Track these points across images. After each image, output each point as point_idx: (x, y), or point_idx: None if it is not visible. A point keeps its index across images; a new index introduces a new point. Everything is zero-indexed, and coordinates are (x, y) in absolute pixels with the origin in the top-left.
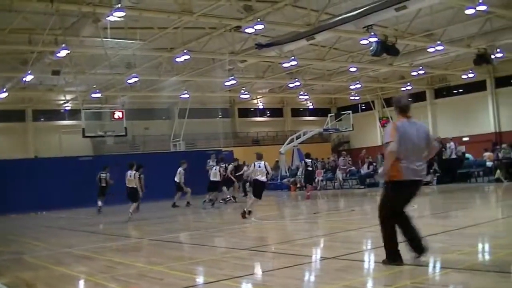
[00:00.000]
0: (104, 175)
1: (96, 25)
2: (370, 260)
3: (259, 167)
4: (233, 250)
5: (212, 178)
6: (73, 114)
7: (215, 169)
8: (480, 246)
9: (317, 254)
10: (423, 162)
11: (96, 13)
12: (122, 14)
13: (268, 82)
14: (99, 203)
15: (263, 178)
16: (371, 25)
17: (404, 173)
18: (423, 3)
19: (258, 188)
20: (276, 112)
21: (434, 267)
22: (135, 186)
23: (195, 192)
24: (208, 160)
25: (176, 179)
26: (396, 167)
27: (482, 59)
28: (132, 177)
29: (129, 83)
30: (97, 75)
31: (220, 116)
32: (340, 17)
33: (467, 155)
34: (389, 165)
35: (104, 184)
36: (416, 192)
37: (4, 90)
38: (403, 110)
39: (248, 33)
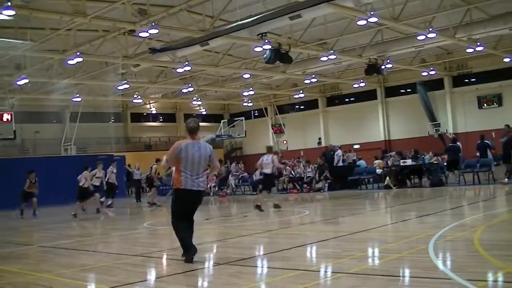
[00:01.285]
0: None
1: None
2: (262, 265)
3: (267, 160)
4: (126, 257)
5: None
6: None
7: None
8: (370, 251)
9: (209, 260)
10: (202, 175)
11: None
12: (11, 12)
13: (161, 87)
14: None
15: (268, 170)
16: (265, 32)
17: (183, 183)
18: (317, 13)
19: (266, 181)
20: (169, 117)
21: (326, 272)
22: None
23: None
24: (110, 167)
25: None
26: (178, 178)
27: (373, 69)
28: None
29: (18, 85)
30: None
31: (113, 120)
32: (235, 24)
33: (360, 162)
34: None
35: None
36: (196, 200)
37: None
38: (190, 132)
39: (142, 37)
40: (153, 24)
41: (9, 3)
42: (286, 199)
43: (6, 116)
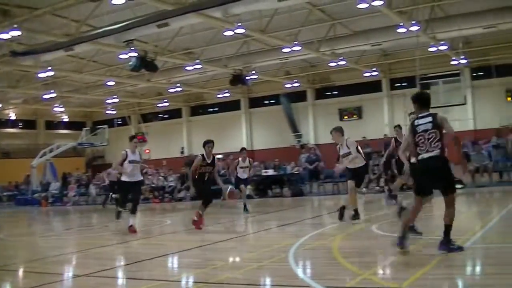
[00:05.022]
0: None
1: None
2: (123, 276)
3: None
4: None
5: None
6: None
7: None
8: (231, 260)
9: (69, 272)
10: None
11: None
12: None
13: (22, 92)
14: None
15: (245, 175)
16: (132, 39)
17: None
18: (185, 22)
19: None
20: (29, 124)
21: (187, 282)
22: None
23: None
24: None
25: None
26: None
27: (237, 79)
28: None
29: None
30: None
31: None
32: (101, 30)
33: (223, 171)
34: None
35: None
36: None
37: None
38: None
39: (3, 39)
40: (15, 26)
41: None
42: (148, 208)
43: None
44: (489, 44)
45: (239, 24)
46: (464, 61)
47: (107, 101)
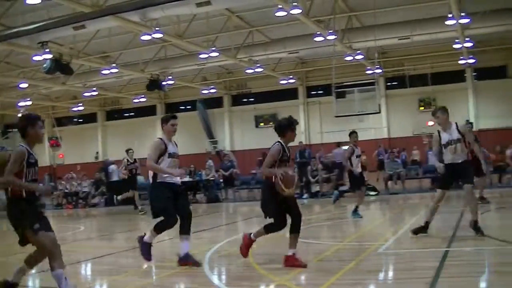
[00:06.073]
0: None
1: None
2: (34, 285)
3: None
4: None
5: None
6: None
7: None
8: (145, 266)
9: None
10: None
11: None
12: None
13: None
14: None
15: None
16: (47, 41)
17: None
18: (102, 25)
19: None
20: None
21: None
22: None
23: None
24: None
25: None
26: None
27: (154, 84)
28: None
29: None
30: None
31: None
32: (15, 30)
33: (139, 177)
34: None
35: None
36: None
37: None
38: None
39: None
40: None
41: None
42: (60, 215)
43: None
44: (403, 55)
45: (157, 28)
46: (379, 70)
47: (20, 104)
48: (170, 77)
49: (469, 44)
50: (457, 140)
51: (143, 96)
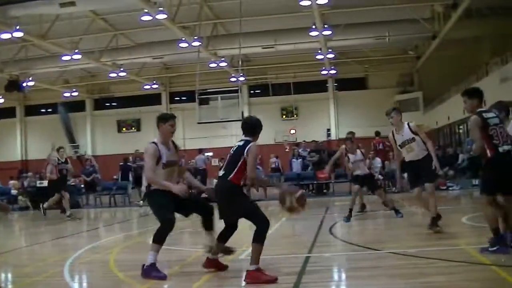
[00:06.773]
0: None
1: None
2: None
3: None
4: None
5: None
6: None
7: None
8: (3, 276)
9: None
10: None
11: None
12: None
13: None
14: None
15: None
16: None
17: None
18: None
19: None
20: None
21: None
22: None
23: None
24: None
25: None
26: None
27: (13, 85)
28: None
29: None
30: None
31: None
32: None
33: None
34: None
35: None
36: None
37: None
38: None
39: None
40: None
41: None
42: None
43: None
44: (267, 63)
45: (18, 27)
46: (242, 78)
47: None
48: (31, 79)
49: (331, 56)
50: (411, 140)
51: (0, 97)
